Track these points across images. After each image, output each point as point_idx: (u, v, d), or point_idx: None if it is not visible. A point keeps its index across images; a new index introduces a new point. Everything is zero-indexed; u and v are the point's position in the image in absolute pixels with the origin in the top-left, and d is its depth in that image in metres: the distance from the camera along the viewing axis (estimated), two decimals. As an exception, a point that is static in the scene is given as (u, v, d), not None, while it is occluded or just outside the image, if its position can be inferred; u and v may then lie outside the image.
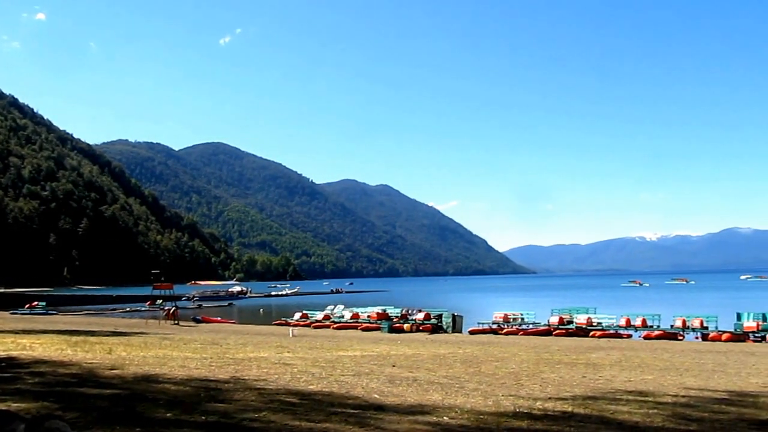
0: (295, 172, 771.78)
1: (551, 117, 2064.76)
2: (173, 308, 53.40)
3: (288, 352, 21.70)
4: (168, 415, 8.26)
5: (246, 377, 13.19)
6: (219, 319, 58.00)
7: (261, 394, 10.58)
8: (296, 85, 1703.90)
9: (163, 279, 61.76)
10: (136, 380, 12.04)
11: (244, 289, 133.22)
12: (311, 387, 11.87)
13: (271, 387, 11.68)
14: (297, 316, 51.70)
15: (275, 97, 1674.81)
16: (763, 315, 35.09)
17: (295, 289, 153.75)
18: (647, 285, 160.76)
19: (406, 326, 42.49)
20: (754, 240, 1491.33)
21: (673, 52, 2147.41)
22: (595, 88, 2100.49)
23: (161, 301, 70.87)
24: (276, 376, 13.61)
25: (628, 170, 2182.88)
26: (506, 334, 38.97)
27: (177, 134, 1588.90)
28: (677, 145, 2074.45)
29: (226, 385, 11.81)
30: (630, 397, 11.33)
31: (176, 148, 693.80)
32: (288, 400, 10.11)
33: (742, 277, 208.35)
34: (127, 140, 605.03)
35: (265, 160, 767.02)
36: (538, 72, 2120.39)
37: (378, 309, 48.65)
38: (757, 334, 33.08)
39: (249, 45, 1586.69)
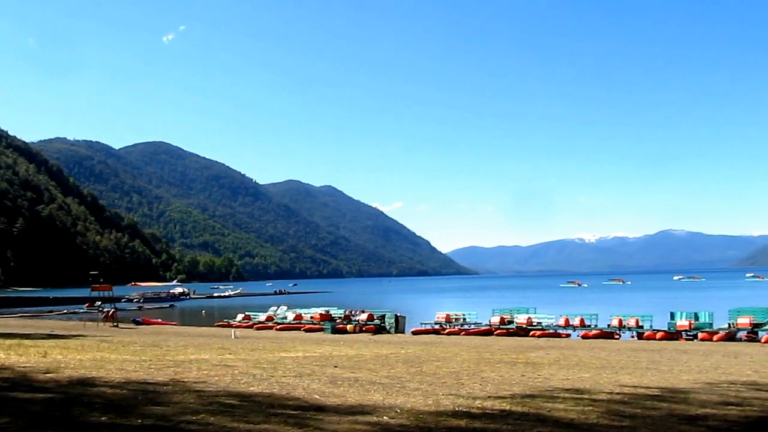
0: (239, 172, 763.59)
1: (491, 120, 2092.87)
2: (112, 310, 52.27)
3: (229, 353, 21.47)
4: (103, 419, 8.09)
5: (185, 379, 13.00)
6: (160, 320, 57.01)
7: (200, 397, 10.44)
8: (241, 84, 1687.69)
9: (102, 280, 60.16)
10: (71, 384, 11.75)
11: (186, 290, 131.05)
12: (252, 388, 11.78)
13: (210, 389, 11.54)
14: (239, 317, 51.22)
15: (219, 96, 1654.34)
16: (695, 314, 36.27)
17: (238, 291, 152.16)
18: (585, 285, 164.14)
19: (349, 327, 42.50)
20: (687, 242, 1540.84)
21: (606, 53, 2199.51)
22: (533, 90, 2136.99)
23: (100, 303, 69.07)
24: (216, 378, 13.45)
25: (568, 173, 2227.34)
26: (448, 334, 39.34)
27: (117, 133, 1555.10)
28: (615, 149, 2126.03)
29: (164, 387, 11.62)
30: (567, 395, 11.57)
31: (116, 147, 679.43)
32: (227, 401, 10.02)
33: (676, 278, 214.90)
34: (65, 138, 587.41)
35: (208, 160, 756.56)
36: (479, 74, 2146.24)
37: (321, 310, 48.58)
38: (689, 333, 34.13)
39: (193, 43, 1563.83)
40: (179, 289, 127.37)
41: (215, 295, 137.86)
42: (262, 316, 50.45)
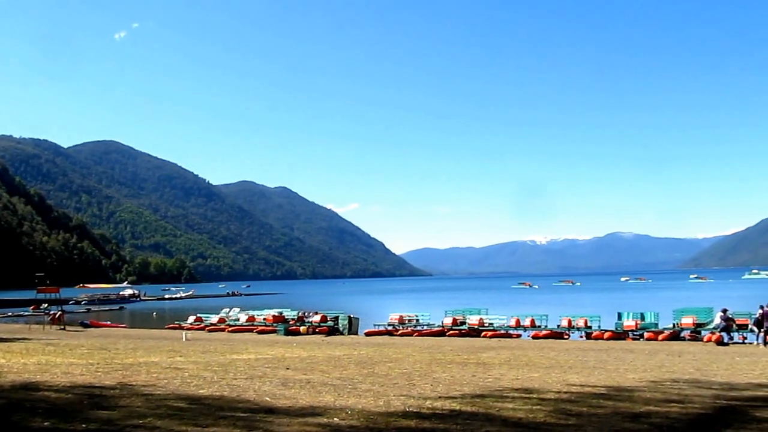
0: (191, 172, 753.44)
1: (446, 122, 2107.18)
2: (59, 313, 51.12)
3: (180, 356, 21.26)
4: (45, 424, 7.96)
5: (134, 383, 12.85)
6: (109, 323, 55.92)
7: (148, 400, 10.34)
8: (194, 83, 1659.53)
9: (48, 282, 58.73)
10: (14, 389, 11.51)
11: (137, 292, 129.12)
12: (201, 391, 11.70)
13: (159, 392, 11.44)
14: (191, 319, 50.61)
15: (172, 95, 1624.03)
16: (641, 314, 37.05)
17: (190, 292, 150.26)
18: (536, 287, 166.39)
19: (302, 329, 42.32)
20: (635, 244, 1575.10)
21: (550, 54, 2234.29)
22: (487, 91, 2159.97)
23: (46, 305, 67.45)
24: (165, 381, 13.33)
25: (520, 175, 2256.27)
26: (401, 335, 39.47)
27: (66, 131, 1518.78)
28: (565, 152, 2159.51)
29: (111, 391, 11.47)
30: (516, 395, 11.78)
31: (65, 146, 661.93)
32: (176, 405, 9.94)
33: (623, 279, 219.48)
34: (11, 136, 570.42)
35: (160, 159, 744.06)
36: (432, 75, 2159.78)
37: (274, 312, 48.29)
38: (635, 333, 34.85)
39: (145, 41, 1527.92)
40: (129, 291, 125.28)
41: (166, 297, 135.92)
42: (215, 318, 49.97)
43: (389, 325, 42.18)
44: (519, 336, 38.05)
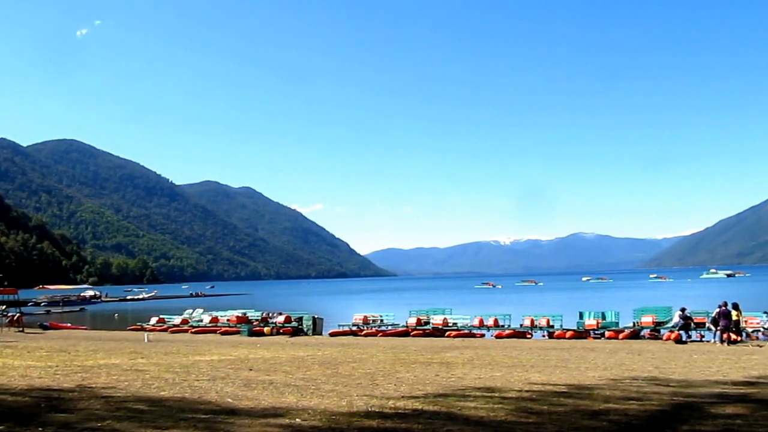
0: (154, 172, 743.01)
1: (411, 122, 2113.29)
2: (18, 314, 50.09)
3: (142, 358, 21.01)
4: (1, 428, 7.80)
5: (93, 385, 12.67)
6: (69, 325, 54.96)
7: (108, 403, 10.20)
8: (157, 82, 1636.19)
9: (6, 283, 57.67)
10: (-32, 392, 11.26)
11: (98, 293, 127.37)
12: (163, 393, 11.59)
13: (119, 395, 11.29)
14: (153, 320, 49.99)
15: (134, 94, 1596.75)
16: (603, 314, 37.57)
17: (153, 293, 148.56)
18: (500, 287, 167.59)
19: (266, 329, 42.08)
20: (596, 244, 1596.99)
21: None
22: (454, 91, 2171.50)
23: (4, 307, 66.03)
24: (126, 383, 13.18)
25: (484, 177, 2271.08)
26: (366, 335, 39.47)
27: (25, 129, 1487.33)
28: (528, 154, 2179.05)
29: (70, 394, 11.29)
30: (478, 394, 11.87)
31: (24, 144, 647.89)
32: (136, 407, 9.83)
33: (584, 279, 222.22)
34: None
35: (122, 159, 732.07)
36: (392, 75, 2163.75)
37: (238, 312, 47.94)
38: (596, 332, 35.31)
39: (108, 39, 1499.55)
40: (90, 292, 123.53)
41: (129, 298, 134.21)
42: (177, 319, 49.41)
43: (353, 325, 42.15)
44: (482, 335, 38.30)
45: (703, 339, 32.30)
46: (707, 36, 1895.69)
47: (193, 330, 45.78)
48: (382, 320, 43.48)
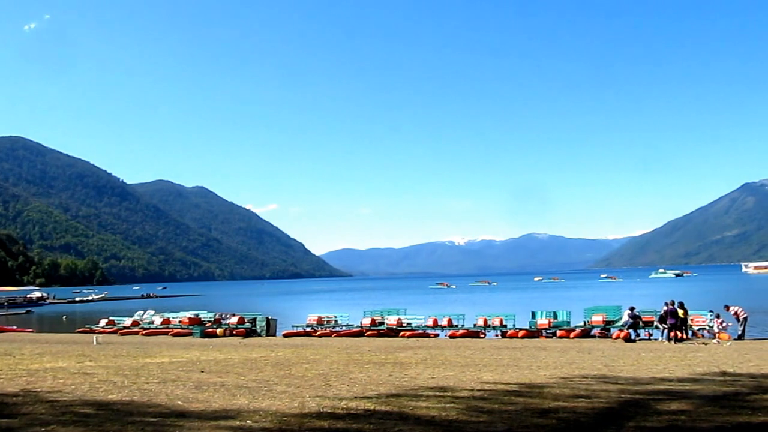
0: (105, 171, 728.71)
1: (366, 122, 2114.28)
2: (-41, 317, 48.68)
3: (90, 360, 20.62)
4: (-60, 434, 7.57)
5: (38, 389, 12.39)
6: (15, 327, 53.56)
7: (53, 407, 9.98)
8: (108, 78, 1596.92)
9: (-53, 285, 55.90)
10: None
11: (45, 295, 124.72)
12: (111, 396, 11.38)
13: (65, 398, 11.06)
14: (103, 322, 49.01)
15: (84, 90, 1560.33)
16: (554, 313, 38.12)
17: (103, 295, 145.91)
18: (454, 287, 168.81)
19: (219, 331, 41.67)
20: (549, 244, 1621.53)
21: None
22: (402, 94, 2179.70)
23: (-55, 309, 64.32)
24: (73, 386, 12.91)
25: (439, 178, 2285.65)
26: (320, 336, 39.32)
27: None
28: (480, 156, 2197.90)
29: (14, 398, 11.01)
30: (430, 393, 11.93)
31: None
32: (82, 411, 9.63)
33: (536, 279, 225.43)
34: None
35: (72, 157, 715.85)
36: (346, 76, 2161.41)
37: (190, 314, 47.31)
38: (548, 331, 35.78)
39: (57, 33, 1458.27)
40: (37, 294, 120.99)
41: (77, 299, 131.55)
42: (128, 321, 48.52)
43: (308, 326, 41.97)
44: (436, 335, 38.48)
45: (652, 337, 33.01)
46: (666, 41, 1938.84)
47: (144, 332, 45.05)
48: (336, 321, 43.39)
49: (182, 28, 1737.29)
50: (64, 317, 74.23)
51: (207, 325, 43.80)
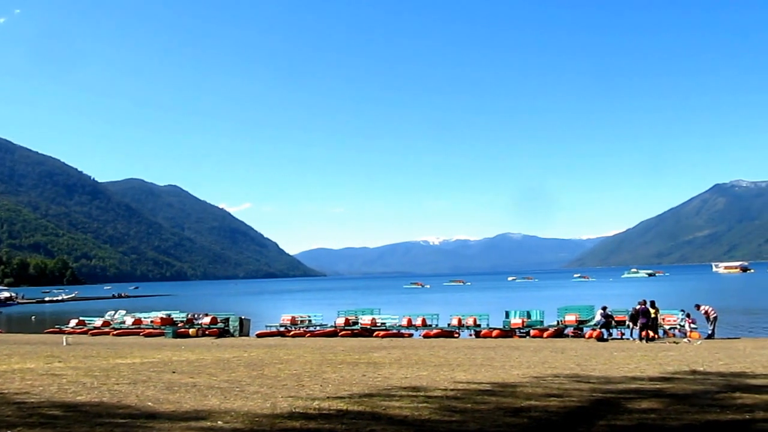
0: (75, 168, 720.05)
1: (341, 121, 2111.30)
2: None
3: (59, 361, 20.34)
4: None
5: (5, 391, 12.18)
6: (-19, 328, 52.82)
7: (20, 408, 9.81)
8: (79, 74, 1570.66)
9: None
10: None
11: (13, 294, 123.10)
12: (79, 398, 11.21)
13: (33, 400, 10.87)
14: (73, 323, 48.46)
15: (55, 86, 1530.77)
16: (528, 312, 38.34)
17: (73, 295, 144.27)
18: (428, 286, 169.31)
19: (191, 331, 41.41)
20: (523, 244, 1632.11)
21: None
22: (377, 93, 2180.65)
23: None
24: (41, 388, 12.71)
25: (414, 178, 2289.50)
26: (293, 336, 39.19)
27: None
28: (455, 155, 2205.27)
29: (-21, 400, 10.80)
30: (404, 393, 11.91)
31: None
32: (50, 413, 9.47)
33: (510, 279, 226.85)
34: None
35: (41, 155, 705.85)
36: (319, 74, 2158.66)
37: (162, 314, 46.96)
38: (522, 330, 36.02)
39: (27, 28, 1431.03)
40: (5, 294, 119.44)
41: (47, 299, 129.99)
42: (98, 321, 48.01)
43: (281, 326, 41.81)
44: (410, 335, 38.53)
45: (624, 337, 33.34)
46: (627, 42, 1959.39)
47: (115, 332, 44.64)
48: (310, 321, 43.30)
49: (152, 22, 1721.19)
50: (33, 317, 73.22)
51: (179, 325, 43.53)
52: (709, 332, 31.87)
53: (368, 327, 39.31)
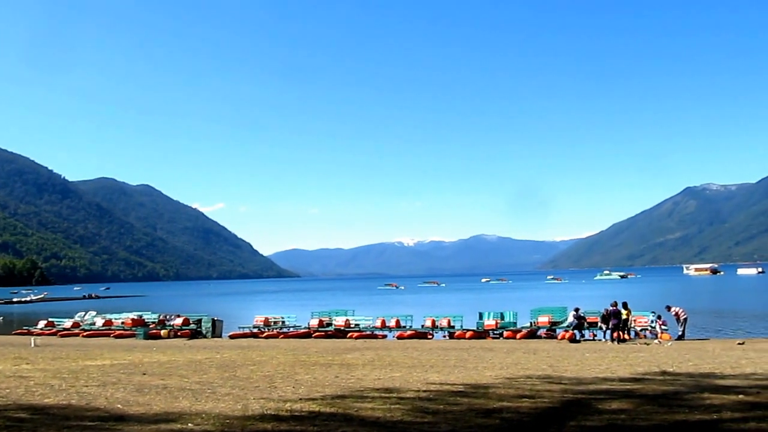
0: (45, 167, 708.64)
1: (316, 122, 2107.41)
2: None
3: (27, 363, 20.05)
4: None
5: (-29, 393, 11.95)
6: (-53, 329, 51.88)
7: (-15, 411, 9.62)
8: (49, 70, 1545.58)
9: None
10: None
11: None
12: (47, 400, 11.05)
13: (-1, 402, 10.68)
14: (42, 324, 47.83)
15: (23, 82, 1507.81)
16: (501, 314, 38.53)
17: (42, 295, 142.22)
18: (402, 288, 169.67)
19: (163, 332, 41.06)
20: (498, 246, 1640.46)
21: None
22: (352, 94, 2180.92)
23: None
24: (8, 390, 12.52)
25: (389, 180, 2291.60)
26: (267, 337, 39.01)
27: None
28: (430, 157, 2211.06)
29: (-56, 403, 10.59)
30: (376, 394, 11.91)
31: None
32: (17, 416, 9.32)
33: (483, 280, 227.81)
34: None
35: (10, 152, 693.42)
36: (295, 73, 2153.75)
37: (133, 315, 46.56)
38: (495, 332, 36.21)
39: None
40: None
41: (15, 300, 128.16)
42: (68, 323, 47.43)
43: (254, 327, 41.62)
44: (384, 336, 38.53)
45: (596, 338, 33.63)
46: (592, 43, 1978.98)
47: (84, 334, 44.11)
48: (283, 322, 43.16)
49: (122, 19, 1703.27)
50: (1, 319, 71.95)
51: (151, 326, 43.18)
52: (680, 333, 32.26)
53: (342, 328, 39.25)
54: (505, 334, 35.41)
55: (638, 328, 33.23)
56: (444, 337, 37.41)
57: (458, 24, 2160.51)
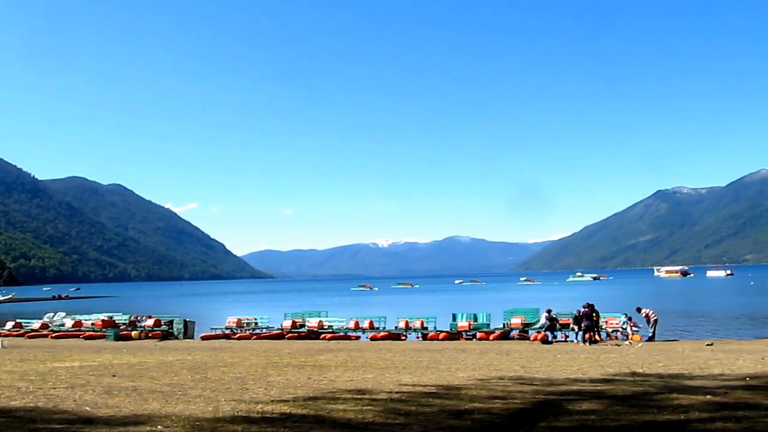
0: (14, 165, 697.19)
1: (290, 122, 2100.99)
2: None
3: (-7, 365, 19.71)
4: None
5: (-66, 396, 11.71)
6: None
7: (-51, 414, 9.44)
8: (19, 67, 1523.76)
9: None
10: None
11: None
12: (13, 403, 10.88)
13: (-37, 405, 10.49)
14: (9, 325, 47.02)
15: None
16: (474, 315, 38.68)
17: (10, 296, 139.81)
18: (376, 289, 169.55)
19: (134, 333, 40.60)
20: (471, 247, 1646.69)
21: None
22: (330, 93, 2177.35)
23: None
24: (-27, 392, 12.27)
25: (363, 180, 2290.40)
26: (239, 338, 38.76)
27: None
28: (404, 157, 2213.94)
29: None
30: (348, 396, 11.89)
31: None
32: (-19, 419, 9.14)
33: (456, 282, 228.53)
34: None
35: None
36: (271, 73, 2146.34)
37: (104, 316, 46.02)
38: (468, 333, 36.29)
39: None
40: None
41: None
42: (36, 324, 46.68)
43: (227, 328, 41.32)
44: (358, 338, 38.46)
45: (568, 339, 33.87)
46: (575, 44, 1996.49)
47: (53, 335, 43.47)
48: (256, 323, 42.91)
49: (92, 19, 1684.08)
50: (-32, 320, 70.85)
51: (121, 327, 42.69)
52: (650, 334, 32.60)
53: (315, 329, 39.11)
54: (478, 335, 35.48)
55: (610, 330, 33.54)
56: (417, 338, 37.40)
57: (431, 24, 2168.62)
